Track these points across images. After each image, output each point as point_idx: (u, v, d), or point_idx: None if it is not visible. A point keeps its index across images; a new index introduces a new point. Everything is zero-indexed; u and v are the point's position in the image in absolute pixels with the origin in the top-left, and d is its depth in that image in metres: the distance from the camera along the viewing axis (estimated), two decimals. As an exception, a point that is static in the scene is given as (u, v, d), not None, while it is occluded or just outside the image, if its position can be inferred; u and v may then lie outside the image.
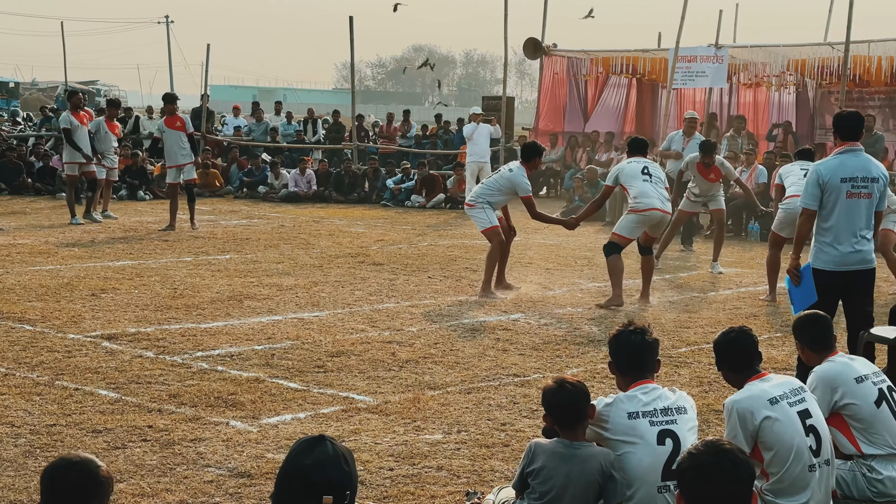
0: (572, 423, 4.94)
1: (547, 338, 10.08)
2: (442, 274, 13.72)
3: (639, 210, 11.86)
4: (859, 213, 8.04)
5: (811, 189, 8.04)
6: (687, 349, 9.75)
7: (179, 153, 17.97)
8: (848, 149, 8.09)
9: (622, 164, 12.31)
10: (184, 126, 18.00)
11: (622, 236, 11.96)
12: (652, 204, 11.82)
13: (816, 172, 8.06)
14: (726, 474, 3.53)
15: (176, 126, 17.96)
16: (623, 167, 12.13)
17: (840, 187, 7.99)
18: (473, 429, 7.13)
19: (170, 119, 18.11)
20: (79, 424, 6.92)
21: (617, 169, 12.31)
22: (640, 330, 5.25)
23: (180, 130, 17.92)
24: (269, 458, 6.39)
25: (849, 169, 8.01)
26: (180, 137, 17.91)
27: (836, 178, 7.99)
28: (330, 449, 3.45)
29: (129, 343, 9.25)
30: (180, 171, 18.08)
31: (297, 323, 10.35)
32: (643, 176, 11.91)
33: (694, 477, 3.55)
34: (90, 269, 13.23)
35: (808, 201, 8.06)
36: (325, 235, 17.61)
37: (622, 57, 27.48)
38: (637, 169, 11.97)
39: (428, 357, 9.13)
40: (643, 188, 11.86)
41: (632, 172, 11.97)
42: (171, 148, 18.03)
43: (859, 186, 8.02)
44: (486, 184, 12.53)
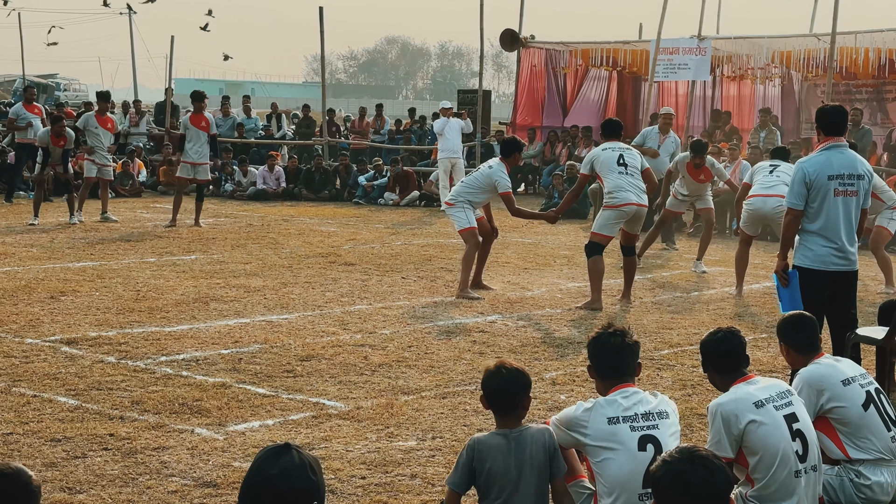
0: (507, 411, 4.99)
1: (525, 340, 10.09)
2: (416, 274, 13.71)
3: (614, 206, 11.85)
4: (847, 212, 8.07)
5: (797, 188, 8.05)
6: (670, 351, 9.78)
7: (198, 152, 18.49)
8: (833, 145, 8.11)
9: (596, 150, 12.21)
10: (208, 126, 18.58)
11: (602, 234, 11.96)
12: (628, 199, 11.80)
13: (803, 171, 8.07)
14: (703, 482, 3.53)
15: (201, 125, 18.52)
16: (598, 154, 12.02)
17: (827, 185, 8.02)
18: (449, 435, 7.12)
19: (195, 117, 18.65)
20: (36, 433, 6.87)
21: (591, 156, 12.14)
22: (620, 332, 5.25)
23: (204, 130, 18.50)
24: (235, 467, 6.37)
25: (836, 166, 8.04)
26: (202, 136, 18.46)
27: (822, 175, 8.02)
28: (296, 457, 3.44)
29: (89, 348, 9.20)
30: (195, 168, 18.50)
31: (265, 326, 10.32)
32: (619, 168, 11.84)
33: (670, 485, 3.56)
34: (49, 270, 13.15)
35: (795, 200, 8.06)
36: (295, 235, 17.57)
37: (602, 49, 27.56)
38: (613, 159, 11.87)
39: (401, 361, 9.12)
40: (618, 182, 11.82)
41: (607, 162, 11.88)
42: (191, 146, 18.54)
43: (846, 184, 8.04)
44: (466, 182, 12.56)
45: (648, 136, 17.62)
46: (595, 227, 12.11)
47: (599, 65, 27.91)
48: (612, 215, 11.88)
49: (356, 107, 33.96)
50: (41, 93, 53.89)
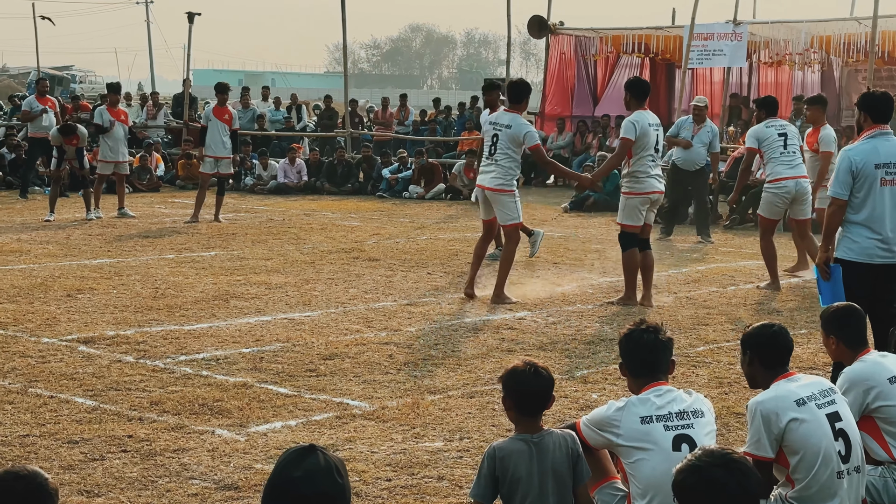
0: (532, 413, 4.96)
1: (555, 337, 10.08)
2: (442, 270, 13.72)
3: (639, 192, 11.68)
4: (893, 202, 8.01)
5: (843, 177, 7.99)
6: (705, 348, 9.74)
7: (220, 145, 18.74)
8: (879, 132, 8.06)
9: (643, 120, 11.53)
10: (231, 120, 18.86)
11: (632, 225, 11.82)
12: (653, 186, 11.70)
13: (849, 159, 8.01)
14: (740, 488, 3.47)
15: (224, 118, 18.82)
16: (647, 129, 11.48)
17: (874, 174, 7.96)
18: (477, 436, 7.12)
19: (219, 110, 18.96)
20: (54, 435, 6.91)
21: (640, 127, 11.46)
22: (653, 328, 5.23)
23: (226, 123, 18.77)
24: (257, 469, 6.39)
25: (882, 154, 7.98)
26: (224, 129, 18.72)
27: (869, 164, 7.96)
28: (321, 459, 3.43)
29: (107, 347, 9.24)
30: (217, 162, 18.77)
31: (287, 324, 10.34)
32: (654, 153, 11.63)
33: (705, 493, 3.48)
34: (66, 268, 13.23)
35: (840, 190, 8.00)
36: (317, 230, 17.61)
37: (634, 35, 27.47)
38: (653, 141, 11.53)
39: (427, 359, 9.13)
40: (646, 166, 11.59)
41: (650, 142, 11.50)
42: (213, 138, 18.77)
43: (893, 173, 7.99)
44: (500, 161, 11.68)
45: (682, 126, 17.55)
46: (621, 217, 11.90)
47: (631, 52, 27.82)
48: (638, 202, 11.74)
49: (379, 97, 33.99)
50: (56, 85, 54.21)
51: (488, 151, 11.73)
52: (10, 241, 15.48)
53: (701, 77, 27.43)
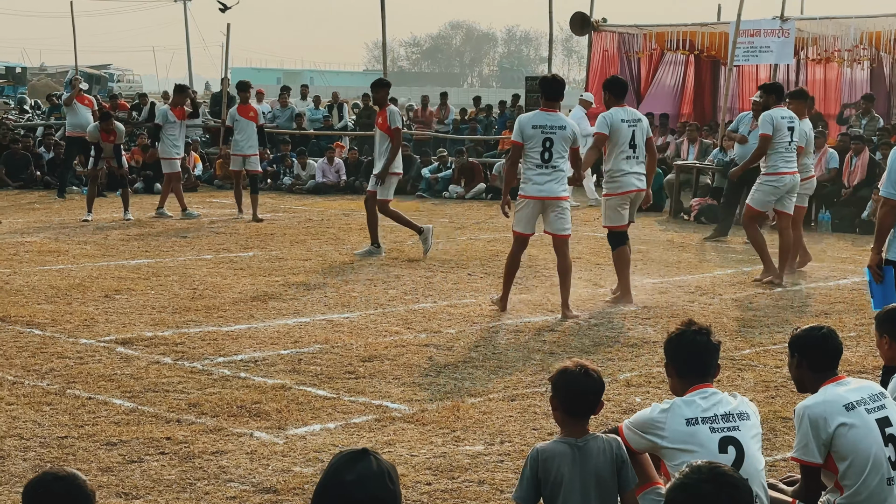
0: (580, 415, 4.95)
1: (597, 339, 10.06)
2: (483, 271, 13.72)
3: (616, 193, 11.80)
4: None
5: (895, 176, 7.91)
6: (751, 351, 9.70)
7: (248, 143, 19.10)
8: None
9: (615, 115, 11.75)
10: (256, 117, 19.22)
11: (617, 226, 11.95)
12: (630, 185, 11.81)
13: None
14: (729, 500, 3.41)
15: (249, 116, 19.14)
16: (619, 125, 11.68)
17: None
18: (518, 439, 7.12)
19: (243, 108, 19.29)
20: (92, 436, 6.97)
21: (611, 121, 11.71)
22: (705, 330, 5.21)
23: (252, 121, 19.09)
24: (296, 472, 6.42)
25: None
26: (251, 127, 19.05)
27: None
28: (374, 464, 3.42)
29: (145, 348, 9.31)
30: (246, 160, 19.17)
31: (325, 325, 10.38)
32: (629, 150, 11.72)
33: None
34: (103, 268, 13.33)
35: (893, 190, 7.92)
36: (356, 230, 17.64)
37: (678, 31, 27.35)
38: (627, 136, 11.67)
39: (468, 361, 9.13)
40: (623, 165, 11.73)
41: (623, 138, 11.68)
42: (240, 137, 19.16)
43: None
44: (561, 166, 11.40)
45: (742, 122, 17.49)
46: (605, 219, 12.04)
47: (675, 49, 27.69)
48: (617, 202, 11.87)
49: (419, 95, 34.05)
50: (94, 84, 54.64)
51: (541, 158, 11.13)
52: (48, 241, 15.62)
53: (747, 74, 27.25)
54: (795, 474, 5.75)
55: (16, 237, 15.92)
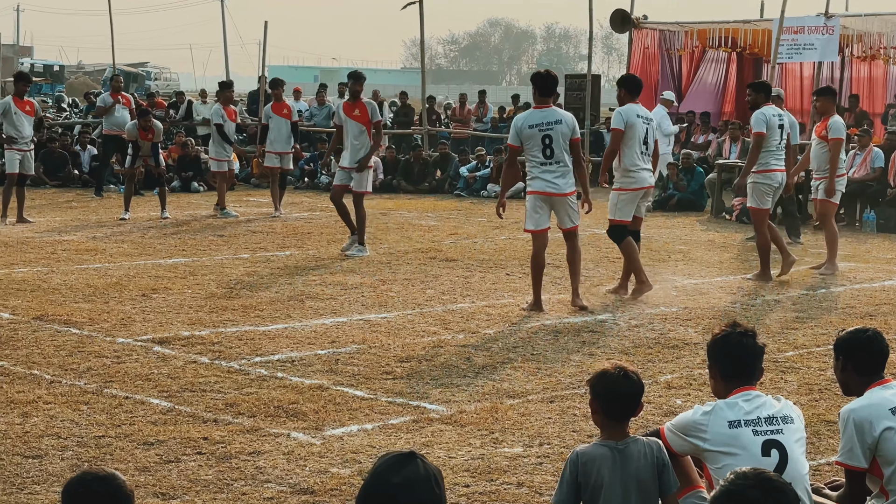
0: (620, 418, 4.93)
1: (637, 340, 10.02)
2: (521, 271, 13.70)
3: (629, 188, 12.03)
4: None
5: None
6: (795, 353, 9.63)
7: (283, 141, 19.43)
8: None
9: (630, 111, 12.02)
10: (290, 114, 19.48)
11: (622, 220, 12.13)
12: (644, 181, 12.08)
13: None
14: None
15: (283, 113, 19.43)
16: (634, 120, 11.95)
17: None
18: (557, 441, 7.11)
19: (277, 106, 19.62)
20: (129, 436, 7.02)
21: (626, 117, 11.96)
22: (750, 332, 5.18)
23: (286, 118, 19.36)
24: (333, 473, 6.43)
25: None
26: (285, 124, 19.34)
27: None
28: (421, 467, 3.41)
29: (182, 347, 9.37)
30: (280, 157, 19.53)
31: (363, 325, 10.40)
32: (642, 146, 12.00)
33: None
34: (140, 267, 13.42)
35: None
36: (394, 229, 17.68)
37: (720, 29, 27.22)
38: (642, 133, 11.97)
39: (506, 362, 9.13)
40: (637, 161, 11.99)
41: (638, 134, 11.94)
42: (275, 135, 19.47)
43: None
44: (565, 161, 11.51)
45: None
46: (612, 213, 12.17)
47: (717, 46, 27.57)
48: (628, 198, 12.10)
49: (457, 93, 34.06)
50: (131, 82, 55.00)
51: (543, 155, 11.24)
52: (85, 239, 15.74)
53: (790, 72, 27.10)
54: (840, 479, 5.71)
55: (53, 236, 16.05)
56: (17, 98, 18.11)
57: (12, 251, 14.44)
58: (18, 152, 17.91)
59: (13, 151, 17.95)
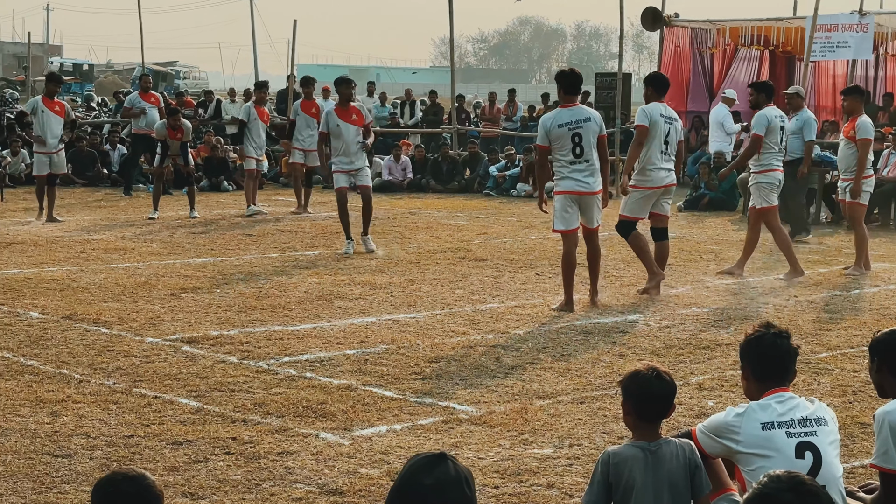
0: (653, 419, 4.91)
1: (668, 341, 9.99)
2: (551, 271, 13.67)
3: (646, 186, 12.14)
4: None
5: None
6: (828, 354, 9.58)
7: (310, 138, 19.42)
8: None
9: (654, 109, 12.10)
10: (318, 113, 19.25)
11: (631, 217, 12.27)
12: (661, 179, 12.21)
13: None
14: None
15: (311, 112, 19.53)
16: (657, 119, 12.03)
17: None
18: (587, 443, 7.09)
19: (306, 104, 19.79)
20: (158, 436, 7.05)
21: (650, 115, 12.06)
22: (784, 334, 5.15)
23: (314, 117, 19.32)
24: (362, 474, 6.44)
25: None
26: (313, 123, 19.33)
27: None
28: (451, 469, 3.41)
29: (210, 347, 9.40)
30: (307, 155, 19.60)
31: (392, 325, 10.41)
32: (662, 145, 12.07)
33: None
34: (169, 266, 13.47)
35: None
36: (423, 228, 17.69)
37: (753, 27, 27.09)
38: (664, 132, 12.01)
39: (536, 363, 9.11)
40: (655, 160, 12.08)
41: (659, 132, 12.02)
42: (302, 132, 19.59)
43: None
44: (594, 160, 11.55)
45: None
46: (624, 208, 12.30)
47: (750, 44, 27.43)
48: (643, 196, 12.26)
49: (486, 92, 34.04)
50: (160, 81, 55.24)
51: (573, 154, 11.19)
52: (114, 238, 15.82)
53: (823, 70, 26.94)
54: (874, 482, 5.66)
55: (82, 235, 16.14)
56: (47, 98, 18.23)
57: (42, 250, 14.53)
58: (46, 155, 18.03)
59: (41, 154, 18.08)
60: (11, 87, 49.91)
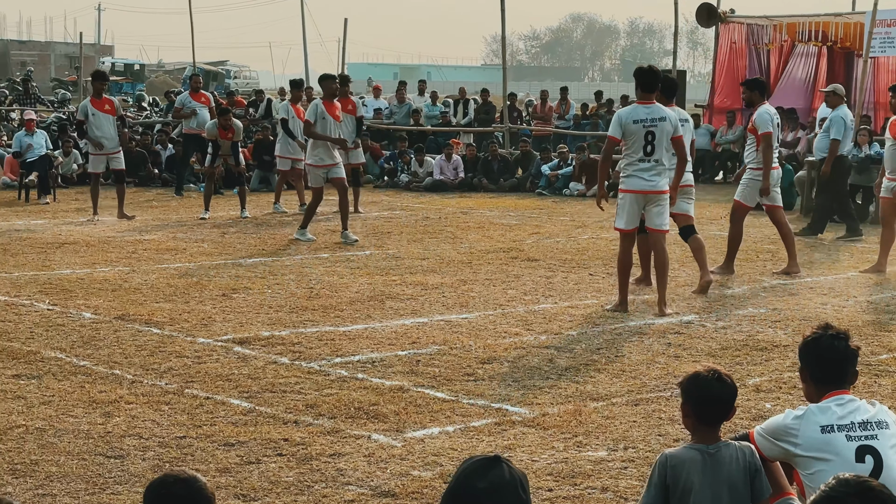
0: (713, 422, 4.88)
1: (724, 343, 9.93)
2: (605, 271, 13.64)
3: None
4: None
5: None
6: (889, 356, 9.48)
7: (348, 136, 19.37)
8: None
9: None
10: (354, 109, 19.52)
11: None
12: None
13: None
14: None
15: (348, 109, 19.42)
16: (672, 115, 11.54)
17: None
18: (642, 445, 7.06)
19: (343, 101, 19.57)
20: (210, 437, 7.10)
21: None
22: (843, 335, 5.11)
23: (350, 114, 19.36)
24: (414, 476, 6.45)
25: None
26: (350, 120, 19.36)
27: None
28: (506, 472, 3.41)
29: (262, 348, 9.45)
30: (347, 153, 19.45)
31: (444, 326, 10.42)
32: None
33: None
34: (221, 266, 13.56)
35: None
36: (474, 228, 17.69)
37: (810, 22, 26.86)
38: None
39: (590, 364, 9.09)
40: None
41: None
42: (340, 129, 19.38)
43: None
44: (664, 160, 11.41)
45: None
46: None
47: (807, 40, 27.19)
48: None
49: (538, 90, 33.97)
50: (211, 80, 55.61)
51: (644, 152, 11.09)
52: (166, 238, 15.95)
53: (882, 66, 26.64)
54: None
55: (134, 235, 16.29)
56: (95, 98, 18.40)
57: (94, 251, 14.68)
58: (104, 156, 18.25)
59: (98, 156, 18.29)
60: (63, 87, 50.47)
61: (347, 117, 19.45)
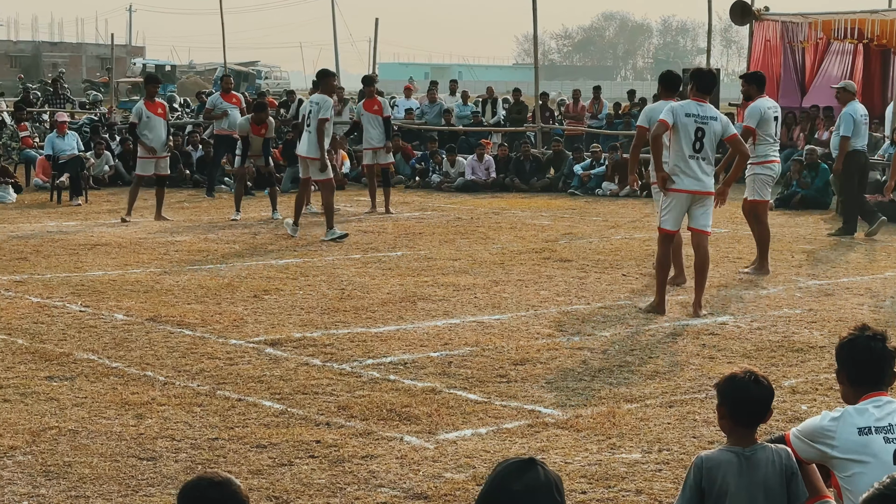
0: (749, 425, 4.85)
1: (760, 344, 9.89)
2: (638, 271, 13.61)
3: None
4: None
5: None
6: (926, 357, 9.40)
7: (376, 137, 19.91)
8: None
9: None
10: (381, 110, 19.80)
11: None
12: None
13: None
14: None
15: (373, 110, 19.84)
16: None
17: None
18: (677, 447, 7.04)
19: (368, 102, 20.10)
20: (242, 438, 7.13)
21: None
22: (880, 336, 5.08)
23: (377, 114, 19.74)
24: (447, 478, 6.45)
25: None
26: (377, 121, 19.77)
27: None
28: (541, 475, 3.41)
29: (294, 349, 9.48)
30: (376, 154, 19.98)
31: (476, 327, 10.42)
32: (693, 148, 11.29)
33: None
34: (252, 268, 13.61)
35: None
36: (506, 228, 17.68)
37: (846, 19, 26.69)
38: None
39: (623, 366, 9.07)
40: None
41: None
42: (368, 131, 20.05)
43: None
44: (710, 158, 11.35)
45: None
46: None
47: (843, 37, 27.04)
48: None
49: (571, 89, 33.93)
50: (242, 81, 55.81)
51: (693, 148, 11.02)
52: (197, 240, 16.02)
53: (920, 64, 26.49)
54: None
55: (165, 236, 16.36)
56: (149, 101, 18.54)
57: (126, 252, 14.76)
58: (153, 160, 18.37)
59: (147, 160, 18.39)
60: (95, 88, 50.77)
61: (374, 118, 19.53)
